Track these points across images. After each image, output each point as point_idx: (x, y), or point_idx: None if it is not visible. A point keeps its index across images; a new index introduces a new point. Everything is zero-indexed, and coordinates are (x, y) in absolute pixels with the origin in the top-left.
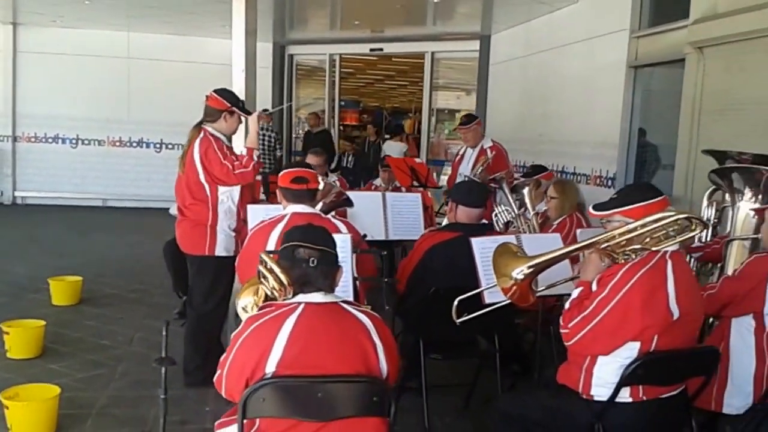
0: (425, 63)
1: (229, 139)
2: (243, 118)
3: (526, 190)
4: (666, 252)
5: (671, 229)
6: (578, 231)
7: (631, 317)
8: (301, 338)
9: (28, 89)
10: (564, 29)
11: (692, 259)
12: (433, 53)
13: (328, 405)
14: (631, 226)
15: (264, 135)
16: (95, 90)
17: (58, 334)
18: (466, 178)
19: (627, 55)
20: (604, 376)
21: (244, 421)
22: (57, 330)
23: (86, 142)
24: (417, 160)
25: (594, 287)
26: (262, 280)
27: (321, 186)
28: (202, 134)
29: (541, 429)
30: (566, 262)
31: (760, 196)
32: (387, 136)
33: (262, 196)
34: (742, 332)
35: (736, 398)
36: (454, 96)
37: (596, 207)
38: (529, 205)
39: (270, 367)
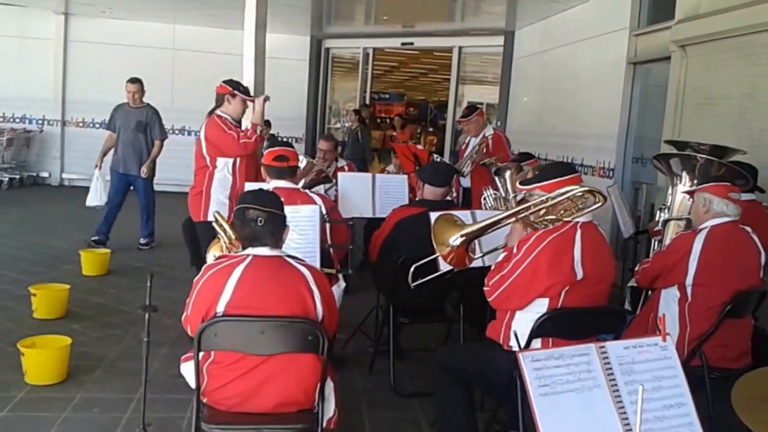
0: (453, 57)
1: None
2: (249, 102)
3: (507, 174)
4: (578, 222)
5: (580, 202)
6: None
7: (539, 276)
8: (248, 284)
9: (77, 76)
10: (576, 27)
11: (655, 241)
12: (460, 48)
13: (270, 341)
14: (544, 198)
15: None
16: (142, 78)
17: (82, 300)
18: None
19: (627, 52)
20: (520, 329)
21: (201, 353)
22: (82, 296)
23: None
24: (419, 147)
25: (515, 251)
26: (219, 236)
27: (302, 164)
28: (210, 117)
29: (470, 376)
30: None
31: (695, 181)
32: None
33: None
34: (669, 302)
35: None
36: (481, 89)
37: (522, 182)
38: (509, 189)
39: (220, 307)
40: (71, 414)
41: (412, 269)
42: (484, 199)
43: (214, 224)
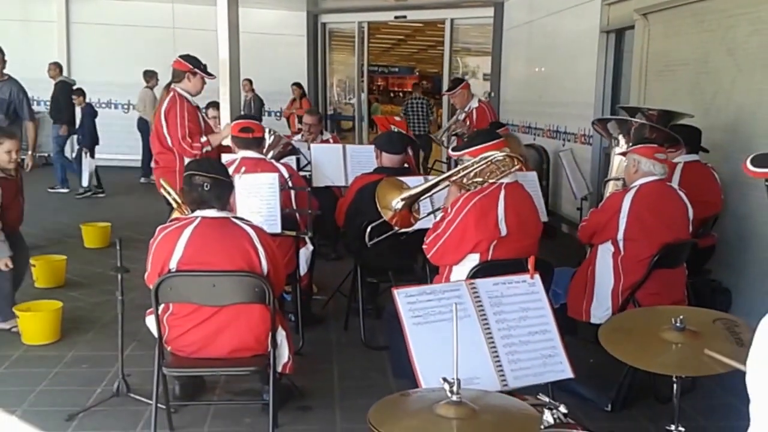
0: (445, 29)
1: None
2: (208, 80)
3: None
4: (502, 183)
5: (502, 165)
6: None
7: (468, 234)
8: (197, 242)
9: (81, 58)
10: None
11: None
12: (452, 20)
13: (221, 294)
14: (470, 163)
15: (418, 102)
16: (144, 58)
17: (83, 270)
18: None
19: (600, 20)
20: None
21: (161, 306)
22: (83, 267)
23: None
24: (397, 118)
25: (449, 211)
26: (170, 201)
27: (268, 135)
28: (171, 94)
29: None
30: None
31: (630, 143)
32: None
33: None
34: (604, 256)
35: (599, 310)
36: (474, 60)
37: (453, 149)
38: None
39: (173, 264)
40: (62, 369)
41: (368, 229)
42: None
43: (162, 190)
